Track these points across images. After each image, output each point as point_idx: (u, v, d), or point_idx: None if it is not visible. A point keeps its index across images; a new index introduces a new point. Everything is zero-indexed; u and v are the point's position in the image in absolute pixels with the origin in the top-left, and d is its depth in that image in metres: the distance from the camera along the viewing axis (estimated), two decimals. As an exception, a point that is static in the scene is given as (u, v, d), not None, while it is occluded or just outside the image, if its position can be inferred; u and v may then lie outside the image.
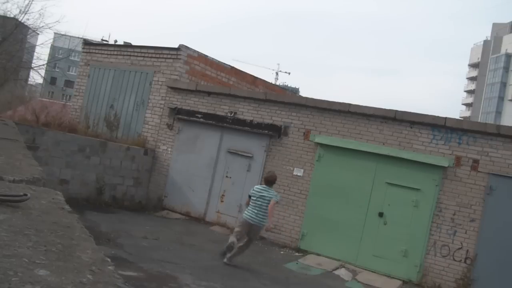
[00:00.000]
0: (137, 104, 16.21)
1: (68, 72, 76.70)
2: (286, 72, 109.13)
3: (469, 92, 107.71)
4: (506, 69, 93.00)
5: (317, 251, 12.32)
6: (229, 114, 14.26)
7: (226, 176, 14.18)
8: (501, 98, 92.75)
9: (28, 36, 33.88)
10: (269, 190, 9.95)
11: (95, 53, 18.00)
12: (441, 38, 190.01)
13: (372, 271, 11.57)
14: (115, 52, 17.41)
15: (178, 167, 15.04)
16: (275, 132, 13.34)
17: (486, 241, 10.67)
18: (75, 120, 16.73)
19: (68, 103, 27.04)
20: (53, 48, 52.30)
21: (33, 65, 33.78)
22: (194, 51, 16.05)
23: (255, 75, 19.32)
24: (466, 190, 11.01)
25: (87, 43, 19.25)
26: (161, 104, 15.65)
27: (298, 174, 13.00)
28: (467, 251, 10.84)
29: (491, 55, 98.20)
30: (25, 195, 2.82)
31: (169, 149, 15.31)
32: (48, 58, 39.47)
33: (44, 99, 41.08)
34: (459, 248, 10.94)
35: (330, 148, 12.61)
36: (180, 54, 15.67)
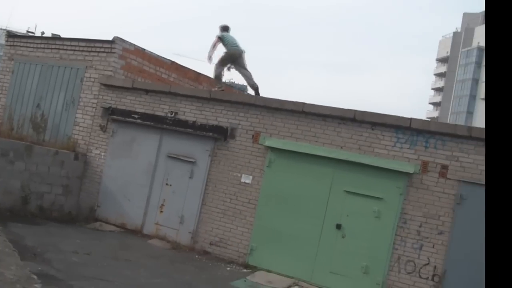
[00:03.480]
0: (66, 104, 15.47)
1: (-11, 68, 74.74)
2: (232, 68, 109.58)
3: (437, 89, 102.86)
4: (478, 64, 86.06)
5: (267, 267, 11.83)
6: (169, 115, 13.69)
7: (166, 184, 13.59)
8: (472, 97, 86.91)
9: None
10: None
11: (20, 46, 17.09)
12: (407, 31, 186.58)
13: (330, 290, 11.14)
14: (42, 45, 16.53)
15: (112, 173, 14.37)
16: (220, 134, 12.84)
17: (455, 256, 10.25)
18: (-4, 121, 15.96)
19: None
20: (-28, 41, 50.71)
21: None
22: (131, 44, 15.27)
23: (199, 71, 18.74)
24: (433, 199, 10.63)
25: (11, 35, 18.37)
26: (93, 103, 14.92)
27: (246, 181, 12.54)
28: (435, 267, 10.46)
29: (462, 49, 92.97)
30: None
31: (103, 154, 14.66)
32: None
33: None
34: (425, 264, 10.55)
35: (282, 152, 12.13)
36: (114, 48, 14.86)
